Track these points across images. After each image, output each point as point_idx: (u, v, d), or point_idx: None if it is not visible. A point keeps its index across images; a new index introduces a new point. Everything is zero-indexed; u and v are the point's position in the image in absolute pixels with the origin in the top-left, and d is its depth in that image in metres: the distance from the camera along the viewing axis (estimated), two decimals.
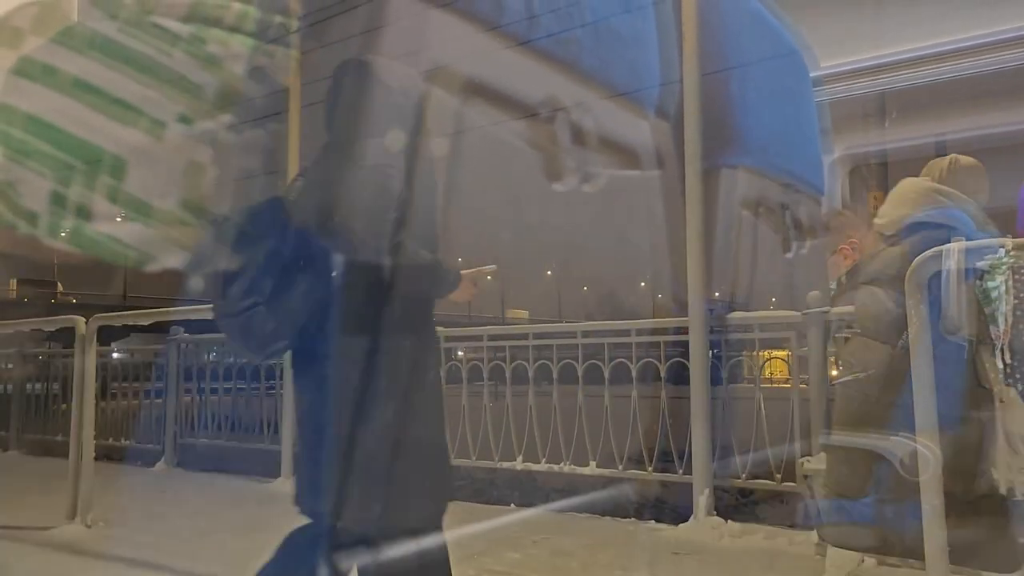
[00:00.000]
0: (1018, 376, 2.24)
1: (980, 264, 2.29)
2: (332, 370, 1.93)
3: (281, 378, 6.38)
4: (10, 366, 8.96)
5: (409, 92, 2.09)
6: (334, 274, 1.91)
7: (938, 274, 2.21)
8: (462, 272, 2.17)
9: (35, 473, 6.85)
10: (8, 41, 1.89)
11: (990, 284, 2.33)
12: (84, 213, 1.87)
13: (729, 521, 4.29)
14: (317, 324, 1.90)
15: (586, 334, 5.30)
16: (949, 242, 2.18)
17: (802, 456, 4.01)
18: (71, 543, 4.27)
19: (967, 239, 2.30)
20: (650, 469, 4.89)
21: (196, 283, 1.93)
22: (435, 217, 2.08)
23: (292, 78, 5.34)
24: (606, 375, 5.09)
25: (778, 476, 4.41)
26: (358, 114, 2.09)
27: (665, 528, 4.43)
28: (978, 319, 2.36)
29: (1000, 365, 2.33)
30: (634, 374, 4.96)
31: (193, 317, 7.24)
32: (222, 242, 1.86)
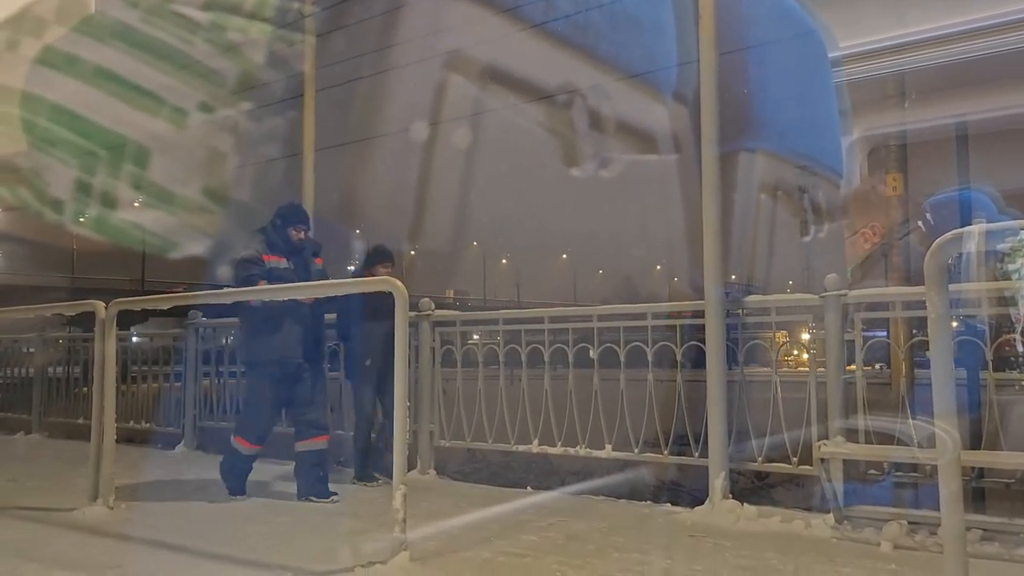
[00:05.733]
0: None
1: (1000, 247, 2.27)
2: None
3: None
4: (32, 350, 9.08)
5: None
6: None
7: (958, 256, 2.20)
8: None
9: (58, 456, 6.95)
10: (32, 30, 1.92)
11: (1010, 267, 2.31)
12: (108, 200, 1.90)
13: (745, 504, 4.29)
14: None
15: (602, 318, 5.31)
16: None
17: (819, 440, 4.01)
18: (94, 524, 4.34)
19: (988, 222, 2.28)
20: (666, 452, 4.89)
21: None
22: None
23: (308, 63, 5.34)
24: (622, 359, 5.09)
25: (794, 459, 4.40)
26: None
27: (681, 511, 4.45)
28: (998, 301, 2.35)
29: (1021, 348, 2.31)
30: (650, 357, 4.96)
31: (211, 302, 7.31)
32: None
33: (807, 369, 4.45)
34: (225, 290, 5.31)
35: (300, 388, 5.00)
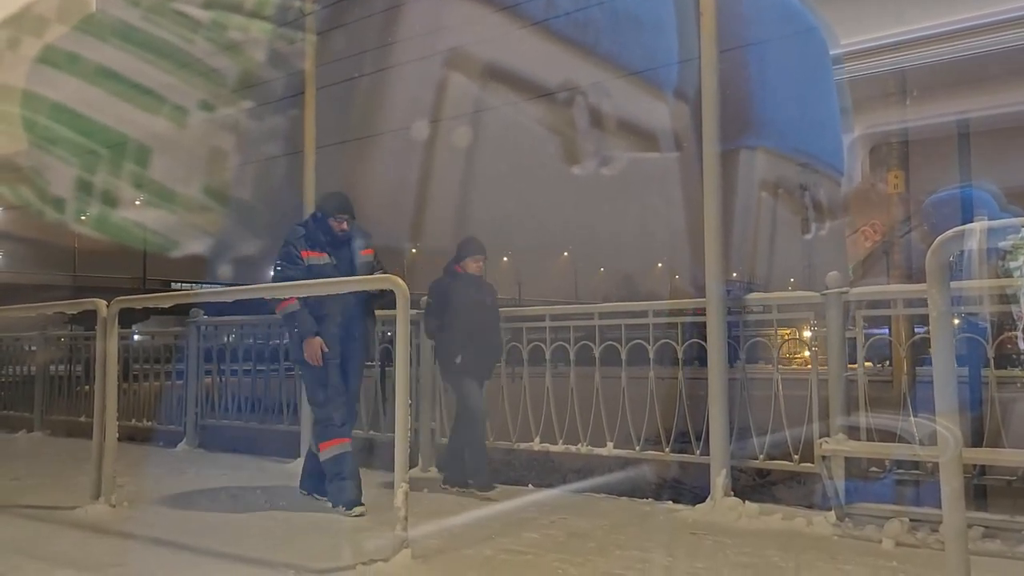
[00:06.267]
0: None
1: (1002, 244, 2.27)
2: None
3: None
4: (34, 349, 9.09)
5: None
6: None
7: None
8: None
9: (59, 454, 6.96)
10: (33, 29, 1.92)
11: (1012, 264, 2.31)
12: (109, 199, 1.90)
13: (746, 502, 4.29)
14: None
15: (603, 316, 5.31)
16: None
17: (820, 437, 4.01)
18: (96, 523, 4.34)
19: (990, 219, 2.28)
20: (667, 450, 4.89)
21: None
22: None
23: (309, 61, 5.34)
24: (623, 356, 5.10)
25: (796, 457, 4.40)
26: None
27: (682, 509, 4.45)
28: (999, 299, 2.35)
29: (1022, 346, 2.31)
30: (651, 355, 4.96)
31: (212, 300, 7.30)
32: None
33: (809, 366, 4.45)
34: (223, 289, 5.30)
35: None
